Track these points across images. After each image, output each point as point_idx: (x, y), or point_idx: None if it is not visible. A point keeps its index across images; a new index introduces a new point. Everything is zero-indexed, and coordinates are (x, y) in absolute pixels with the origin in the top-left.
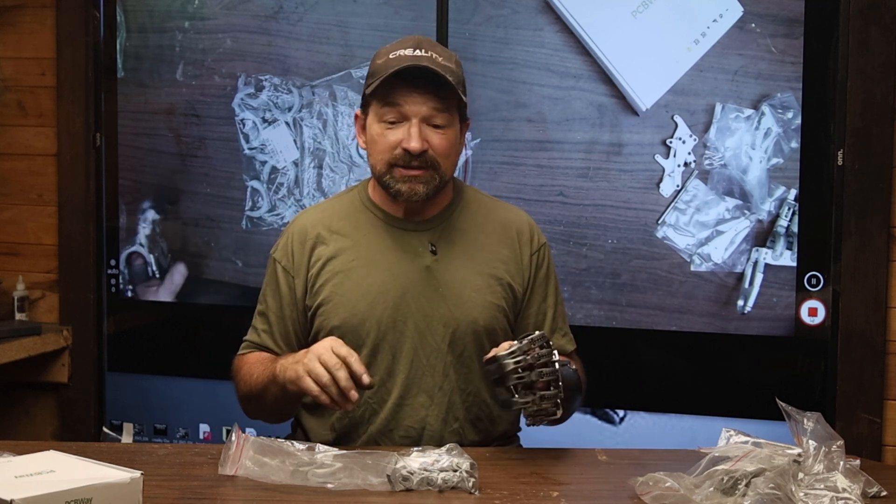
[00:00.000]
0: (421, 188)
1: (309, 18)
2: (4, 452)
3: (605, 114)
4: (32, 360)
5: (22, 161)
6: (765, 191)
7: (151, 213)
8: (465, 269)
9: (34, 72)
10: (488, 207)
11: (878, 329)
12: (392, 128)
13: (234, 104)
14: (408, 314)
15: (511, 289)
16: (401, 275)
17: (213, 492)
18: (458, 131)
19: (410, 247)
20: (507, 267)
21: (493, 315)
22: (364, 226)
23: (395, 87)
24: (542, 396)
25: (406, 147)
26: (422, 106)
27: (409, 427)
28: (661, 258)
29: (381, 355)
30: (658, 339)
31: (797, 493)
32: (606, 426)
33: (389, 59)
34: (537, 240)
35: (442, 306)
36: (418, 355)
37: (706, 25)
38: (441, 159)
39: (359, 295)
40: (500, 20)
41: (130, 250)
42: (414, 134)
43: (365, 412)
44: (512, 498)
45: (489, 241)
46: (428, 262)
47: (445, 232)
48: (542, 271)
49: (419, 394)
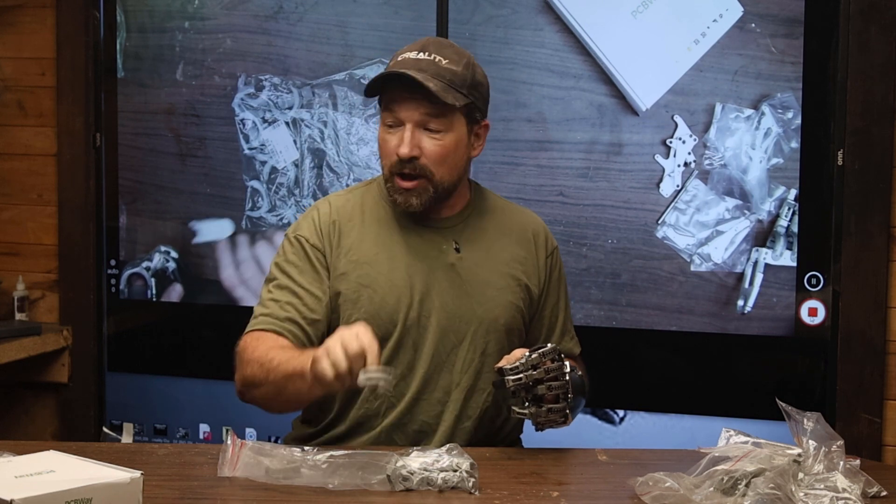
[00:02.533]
0: (414, 201)
1: (309, 18)
2: (4, 452)
3: (605, 114)
4: (32, 360)
5: (22, 161)
6: (765, 191)
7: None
8: (488, 268)
9: (34, 72)
10: (504, 210)
11: (878, 329)
12: (391, 132)
13: (234, 104)
14: (432, 310)
15: (528, 290)
16: (426, 270)
17: (213, 492)
18: (460, 135)
19: (434, 244)
20: (524, 268)
21: (513, 315)
22: (386, 219)
23: (393, 91)
24: (551, 409)
25: (396, 153)
26: (413, 112)
27: (423, 422)
28: (661, 258)
29: (403, 350)
30: (658, 339)
31: (797, 493)
32: (606, 426)
33: (396, 62)
34: (551, 243)
35: (466, 304)
36: (439, 351)
37: (706, 25)
38: (434, 167)
39: (386, 288)
40: (500, 20)
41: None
42: (406, 139)
43: (381, 405)
44: (512, 498)
45: (507, 242)
46: (452, 260)
47: (466, 231)
48: (555, 274)
49: (436, 389)
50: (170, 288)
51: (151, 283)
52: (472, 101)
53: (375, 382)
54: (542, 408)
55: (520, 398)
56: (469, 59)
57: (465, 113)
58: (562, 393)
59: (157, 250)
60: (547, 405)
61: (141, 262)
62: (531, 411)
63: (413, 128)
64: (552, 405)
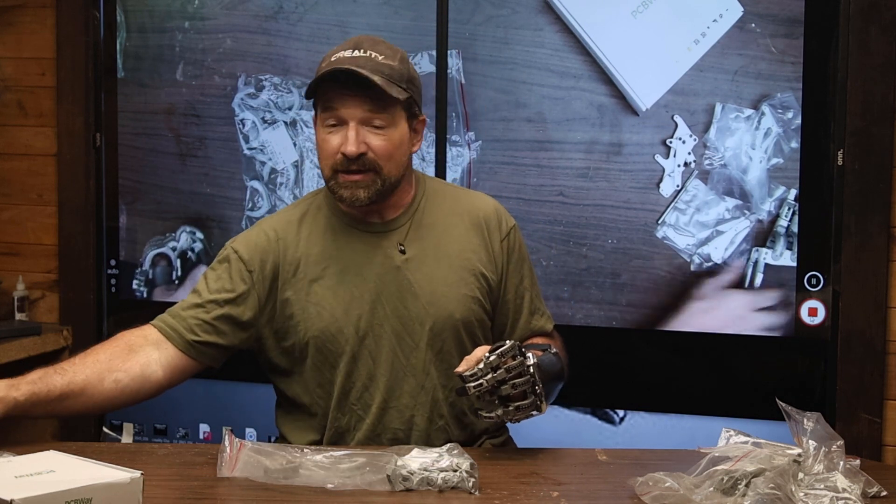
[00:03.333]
0: (361, 193)
1: (309, 18)
2: (4, 452)
3: (605, 114)
4: (32, 360)
5: (22, 161)
6: (765, 191)
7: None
8: (437, 264)
9: (34, 72)
10: (453, 197)
11: (878, 329)
12: (333, 132)
13: (234, 104)
14: (384, 317)
15: (485, 278)
16: (373, 278)
17: (213, 492)
18: (403, 130)
19: (380, 249)
20: (478, 256)
21: (469, 307)
22: (330, 231)
23: (332, 90)
24: (519, 407)
25: (343, 152)
26: (356, 109)
27: (396, 430)
28: (661, 258)
29: (361, 361)
30: (658, 339)
31: (797, 493)
32: (606, 426)
33: (330, 62)
34: (506, 224)
35: (416, 305)
36: (398, 357)
37: (706, 25)
38: (383, 161)
39: (334, 303)
40: (500, 20)
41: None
42: (351, 138)
43: (350, 419)
44: (512, 498)
45: (458, 233)
46: (398, 263)
47: (412, 229)
48: (514, 255)
49: (402, 395)
50: (195, 270)
51: (177, 265)
52: (410, 96)
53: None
54: (509, 407)
55: (485, 402)
56: (403, 54)
57: (406, 107)
58: (528, 388)
59: (184, 230)
60: (514, 403)
61: (166, 241)
62: (498, 413)
63: (357, 125)
64: (520, 402)
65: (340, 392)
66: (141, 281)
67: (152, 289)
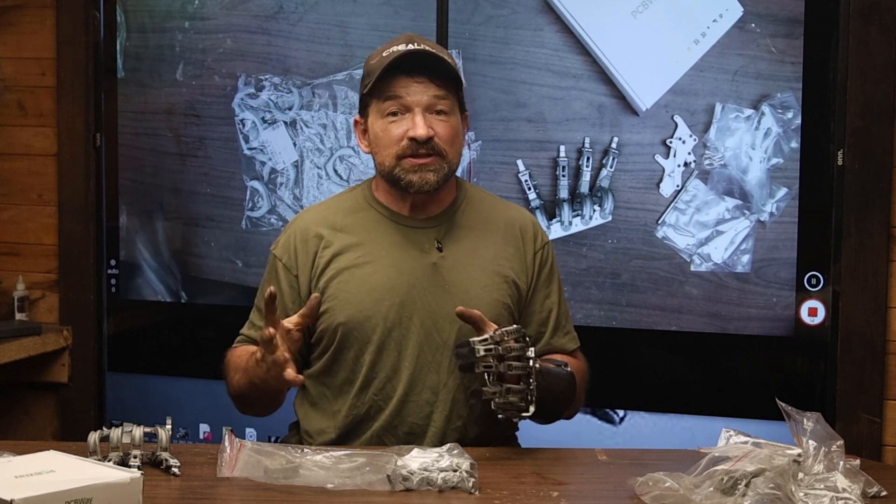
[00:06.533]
0: (431, 176)
1: (309, 18)
2: (4, 452)
3: (605, 114)
4: (32, 360)
5: (22, 161)
6: (765, 191)
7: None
8: (471, 266)
9: (34, 72)
10: (492, 205)
11: (878, 329)
12: (396, 121)
13: (233, 104)
14: (414, 311)
15: (516, 286)
16: (407, 271)
17: (213, 492)
18: (459, 120)
19: (416, 243)
20: (511, 264)
21: (499, 312)
22: (369, 223)
23: (393, 80)
24: (510, 389)
25: (413, 136)
26: (422, 95)
27: (413, 423)
28: (661, 258)
29: (386, 352)
30: (658, 339)
31: (797, 493)
32: (606, 426)
33: (384, 57)
34: (541, 238)
35: (448, 303)
36: (423, 352)
37: (706, 25)
38: (447, 147)
39: (364, 291)
40: (500, 20)
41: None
42: (419, 122)
43: (370, 409)
44: (512, 498)
45: (494, 239)
46: (434, 259)
47: (451, 229)
48: (545, 269)
49: (424, 390)
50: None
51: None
52: (463, 86)
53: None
54: (501, 387)
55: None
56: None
57: (458, 99)
58: (523, 375)
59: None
60: (507, 384)
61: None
62: (491, 390)
63: (423, 111)
64: (512, 385)
65: (363, 380)
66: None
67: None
